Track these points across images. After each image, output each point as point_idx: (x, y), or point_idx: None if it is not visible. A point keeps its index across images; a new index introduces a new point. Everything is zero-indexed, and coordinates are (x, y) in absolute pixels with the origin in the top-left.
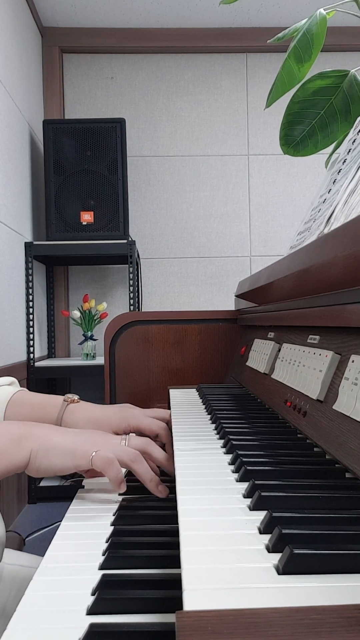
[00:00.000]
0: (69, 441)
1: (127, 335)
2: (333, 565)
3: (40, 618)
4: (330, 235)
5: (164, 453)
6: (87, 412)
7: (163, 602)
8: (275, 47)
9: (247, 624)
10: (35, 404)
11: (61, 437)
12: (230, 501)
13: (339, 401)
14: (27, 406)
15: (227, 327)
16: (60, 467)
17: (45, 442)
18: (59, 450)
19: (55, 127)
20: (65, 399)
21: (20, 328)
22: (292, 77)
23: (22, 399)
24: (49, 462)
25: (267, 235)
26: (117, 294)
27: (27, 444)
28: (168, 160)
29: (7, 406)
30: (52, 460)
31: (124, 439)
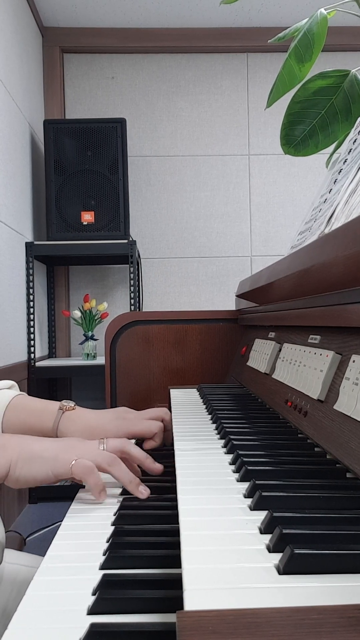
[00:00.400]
0: (49, 449)
1: (127, 335)
2: (334, 565)
3: (40, 618)
4: (331, 235)
5: (142, 452)
6: (82, 420)
7: (164, 602)
8: (276, 47)
9: (248, 623)
10: (33, 410)
11: (40, 446)
12: (230, 501)
13: (340, 401)
14: (24, 412)
15: (227, 327)
16: (41, 477)
17: (24, 452)
18: (39, 459)
19: (56, 127)
20: (60, 407)
21: (21, 328)
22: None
23: (21, 404)
24: (28, 472)
25: (267, 235)
26: (117, 294)
27: (5, 454)
28: (169, 160)
29: (5, 410)
30: (32, 470)
31: (102, 442)
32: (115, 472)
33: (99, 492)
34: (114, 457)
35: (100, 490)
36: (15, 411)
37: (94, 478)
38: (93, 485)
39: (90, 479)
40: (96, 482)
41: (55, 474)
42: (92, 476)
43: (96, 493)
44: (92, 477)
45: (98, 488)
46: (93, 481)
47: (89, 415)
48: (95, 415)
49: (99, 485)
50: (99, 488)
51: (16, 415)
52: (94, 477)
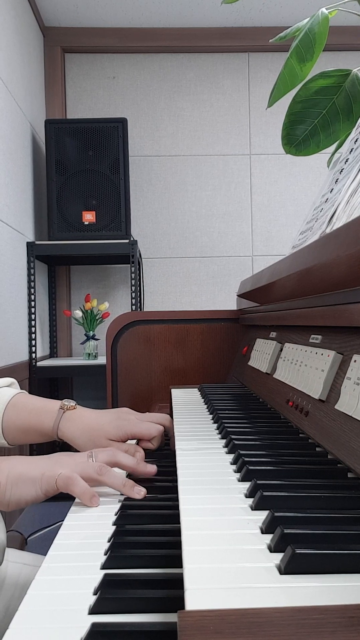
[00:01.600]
0: (36, 468)
1: (129, 335)
2: (335, 565)
3: (42, 617)
4: (332, 235)
5: (132, 459)
6: (82, 421)
7: (165, 602)
8: (277, 47)
9: (249, 623)
10: (33, 409)
11: (27, 466)
12: (232, 501)
13: (341, 401)
14: (24, 411)
15: (229, 327)
16: (30, 497)
17: (12, 474)
18: (26, 479)
19: (57, 126)
20: (61, 406)
21: (22, 328)
22: (294, 76)
23: (21, 403)
24: (18, 494)
25: (269, 235)
26: (119, 293)
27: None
28: (170, 160)
29: (5, 409)
30: (20, 491)
31: (90, 455)
32: (106, 479)
33: (89, 499)
34: (101, 465)
35: (91, 496)
36: (16, 410)
37: (79, 487)
38: (80, 494)
39: (76, 489)
40: (82, 490)
41: (43, 492)
42: (76, 486)
43: (87, 501)
44: (77, 487)
45: (87, 496)
46: (79, 490)
47: (89, 415)
48: (96, 415)
49: (86, 493)
50: (87, 495)
51: (16, 414)
52: (79, 487)
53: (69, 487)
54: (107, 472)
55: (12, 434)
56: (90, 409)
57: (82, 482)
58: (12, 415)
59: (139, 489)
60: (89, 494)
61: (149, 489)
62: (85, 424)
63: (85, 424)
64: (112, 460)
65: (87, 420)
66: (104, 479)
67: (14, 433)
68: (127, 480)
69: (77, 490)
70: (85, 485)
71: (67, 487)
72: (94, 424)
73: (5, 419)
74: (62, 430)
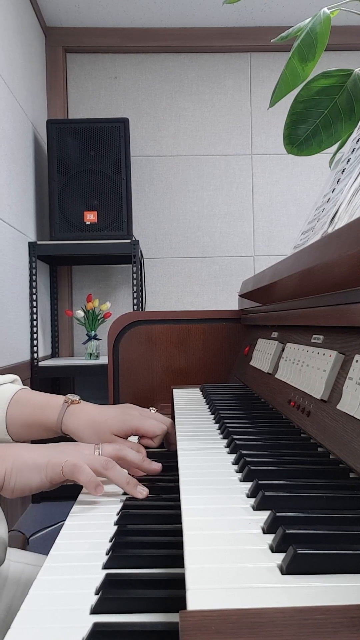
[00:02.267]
0: (41, 455)
1: (130, 335)
2: (337, 565)
3: (44, 617)
4: (334, 235)
5: (138, 455)
6: (87, 415)
7: (167, 602)
8: (278, 47)
9: (251, 623)
10: (37, 405)
11: (33, 453)
12: (233, 501)
13: (343, 401)
14: (28, 406)
15: (230, 327)
16: (35, 484)
17: (17, 461)
18: (32, 465)
19: (59, 126)
20: (65, 400)
21: (24, 328)
22: (296, 76)
23: (25, 399)
24: (23, 481)
25: (270, 235)
26: (120, 293)
27: (0, 465)
28: (171, 160)
29: (9, 405)
30: (26, 478)
31: (97, 447)
32: (111, 474)
33: (94, 488)
34: (108, 460)
35: (96, 485)
36: (19, 405)
37: (85, 475)
38: (85, 482)
39: (81, 477)
40: (88, 479)
41: (49, 479)
42: (82, 474)
43: (92, 489)
44: (82, 475)
45: (92, 484)
46: (84, 478)
47: (93, 409)
48: (100, 410)
49: (92, 482)
50: (92, 484)
51: (20, 410)
52: (85, 474)
53: (74, 474)
54: (113, 467)
55: (16, 430)
56: (94, 404)
57: (88, 470)
58: (16, 410)
59: (142, 489)
60: (94, 483)
61: (151, 489)
62: (89, 418)
63: (89, 418)
64: (118, 454)
65: (91, 414)
66: (109, 474)
67: (18, 429)
68: (131, 478)
69: (82, 478)
70: (91, 474)
71: (73, 475)
72: (98, 418)
73: (9, 414)
74: (66, 424)
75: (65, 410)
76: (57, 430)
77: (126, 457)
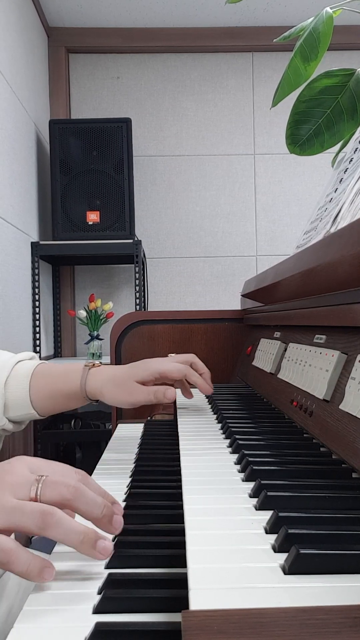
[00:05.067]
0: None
1: (133, 334)
2: (339, 565)
3: (46, 617)
4: (336, 235)
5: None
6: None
7: (169, 602)
8: (281, 46)
9: (253, 623)
10: (58, 374)
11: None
12: (236, 501)
13: (346, 401)
14: (49, 377)
15: (233, 327)
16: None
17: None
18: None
19: (62, 126)
20: (86, 364)
21: (26, 327)
22: (299, 76)
23: (45, 371)
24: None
25: (273, 235)
26: (123, 293)
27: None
28: (174, 160)
29: (31, 378)
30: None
31: (36, 482)
32: (53, 533)
33: (38, 575)
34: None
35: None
36: (41, 377)
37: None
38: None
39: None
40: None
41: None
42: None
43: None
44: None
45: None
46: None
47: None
48: (120, 366)
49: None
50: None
51: (43, 381)
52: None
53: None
54: (55, 525)
55: (40, 402)
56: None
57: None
58: (39, 382)
59: (105, 546)
60: (36, 569)
61: (152, 489)
62: (111, 374)
63: (110, 374)
64: (66, 497)
65: (112, 370)
66: (50, 534)
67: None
68: (88, 531)
69: (17, 570)
70: (26, 562)
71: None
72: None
73: (32, 387)
74: (90, 385)
75: (87, 372)
76: (81, 395)
77: (78, 506)
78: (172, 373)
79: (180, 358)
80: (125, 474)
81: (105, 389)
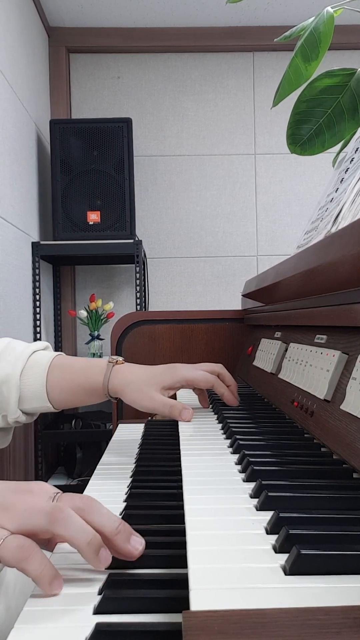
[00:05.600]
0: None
1: (133, 334)
2: (340, 565)
3: (46, 617)
4: (337, 235)
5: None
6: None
7: (170, 602)
8: (282, 46)
9: (254, 624)
10: (79, 369)
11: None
12: (237, 501)
13: (347, 401)
14: (69, 371)
15: (234, 327)
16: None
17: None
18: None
19: (62, 126)
20: (110, 360)
21: (27, 327)
22: (299, 75)
23: (65, 364)
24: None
25: (273, 235)
26: (123, 293)
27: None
28: (175, 160)
29: (48, 370)
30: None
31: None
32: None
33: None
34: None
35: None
36: (60, 370)
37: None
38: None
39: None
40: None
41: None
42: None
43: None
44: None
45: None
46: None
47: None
48: (146, 367)
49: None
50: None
51: (62, 375)
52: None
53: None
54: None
55: (57, 396)
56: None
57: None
58: (56, 376)
59: (106, 556)
60: (48, 576)
61: (152, 489)
62: (136, 375)
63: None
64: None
65: (138, 371)
66: (59, 529)
67: (60, 394)
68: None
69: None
70: (42, 560)
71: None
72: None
73: (50, 380)
74: (113, 383)
75: (111, 369)
76: (103, 392)
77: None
78: (199, 382)
79: (207, 367)
80: (126, 474)
81: (127, 389)
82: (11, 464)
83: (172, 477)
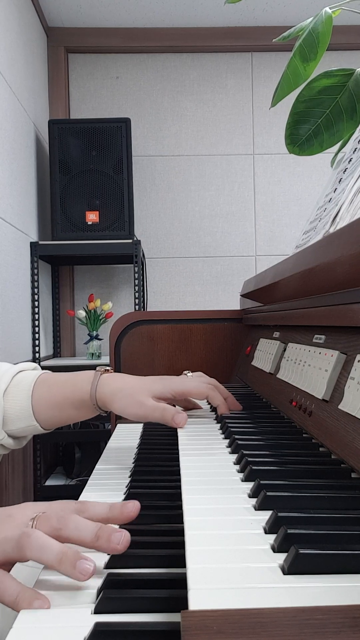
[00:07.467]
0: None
1: (132, 334)
2: (339, 565)
3: (45, 617)
4: (335, 235)
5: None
6: (123, 380)
7: (168, 602)
8: (280, 46)
9: (253, 623)
10: (65, 381)
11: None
12: (235, 501)
13: (345, 401)
14: (56, 385)
15: (232, 327)
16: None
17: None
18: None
19: (61, 126)
20: (98, 369)
21: (26, 328)
22: (298, 76)
23: (51, 379)
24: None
25: (272, 235)
26: (122, 293)
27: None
28: (173, 160)
29: (34, 387)
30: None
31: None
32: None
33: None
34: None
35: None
36: (46, 386)
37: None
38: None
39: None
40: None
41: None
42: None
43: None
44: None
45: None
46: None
47: (129, 376)
48: (136, 377)
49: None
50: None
51: (47, 390)
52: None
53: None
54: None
55: (44, 412)
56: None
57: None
58: (42, 391)
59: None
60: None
61: (151, 489)
62: (126, 382)
63: (125, 382)
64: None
65: (127, 378)
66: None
67: (46, 411)
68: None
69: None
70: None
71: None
72: (135, 381)
73: (35, 397)
74: (101, 392)
75: (99, 378)
76: (91, 402)
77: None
78: (191, 392)
79: (203, 379)
80: (125, 474)
81: (116, 397)
82: (10, 464)
83: (170, 477)
